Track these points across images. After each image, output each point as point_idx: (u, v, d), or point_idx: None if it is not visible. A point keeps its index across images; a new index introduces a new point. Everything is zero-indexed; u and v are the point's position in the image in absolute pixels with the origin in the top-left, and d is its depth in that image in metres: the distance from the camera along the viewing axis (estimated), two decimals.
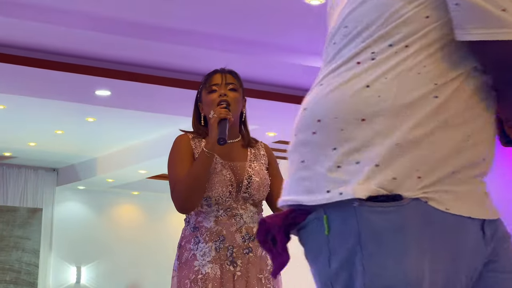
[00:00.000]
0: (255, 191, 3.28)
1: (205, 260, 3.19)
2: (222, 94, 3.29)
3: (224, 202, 3.23)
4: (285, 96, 7.51)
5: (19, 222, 12.57)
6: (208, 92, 3.32)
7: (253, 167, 3.32)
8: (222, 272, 3.19)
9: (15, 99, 8.02)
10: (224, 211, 3.23)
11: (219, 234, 3.21)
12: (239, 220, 3.24)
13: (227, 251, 3.20)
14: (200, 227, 3.24)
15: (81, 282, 13.12)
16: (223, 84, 3.32)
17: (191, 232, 3.27)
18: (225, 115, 3.19)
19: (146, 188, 13.12)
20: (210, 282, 3.16)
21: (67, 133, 9.97)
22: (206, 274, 3.17)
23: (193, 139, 3.31)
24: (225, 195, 3.22)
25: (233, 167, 3.28)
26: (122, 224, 13.58)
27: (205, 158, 3.14)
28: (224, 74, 3.35)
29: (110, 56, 6.67)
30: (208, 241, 3.21)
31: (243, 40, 6.43)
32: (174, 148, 3.30)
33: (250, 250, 3.24)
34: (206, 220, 3.24)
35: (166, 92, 7.18)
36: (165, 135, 9.75)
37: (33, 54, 6.52)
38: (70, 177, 12.47)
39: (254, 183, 3.27)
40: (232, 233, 3.22)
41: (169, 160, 3.30)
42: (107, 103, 7.74)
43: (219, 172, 3.23)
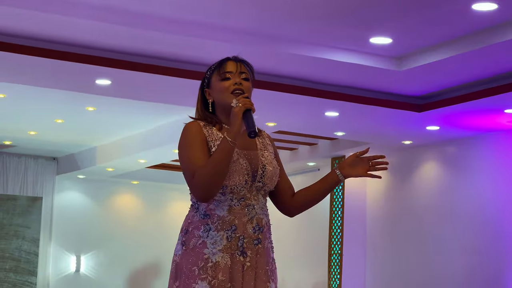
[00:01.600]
0: (268, 180, 3.25)
1: (215, 249, 3.16)
2: (238, 82, 3.26)
3: (238, 191, 3.19)
4: (285, 86, 7.51)
5: (19, 211, 12.59)
6: (222, 79, 3.27)
7: (265, 156, 3.30)
8: (233, 262, 3.16)
9: (15, 88, 8.01)
10: (238, 200, 3.20)
11: (231, 224, 3.18)
12: (251, 211, 3.21)
13: (238, 241, 3.18)
14: (212, 215, 3.19)
15: (80, 271, 13.14)
16: (237, 73, 3.29)
17: (200, 219, 3.21)
18: (250, 106, 3.15)
19: (146, 177, 13.13)
20: (220, 271, 3.14)
21: (67, 122, 9.97)
22: (216, 263, 3.14)
23: (205, 126, 3.26)
24: (241, 184, 3.18)
25: (248, 156, 3.24)
26: (121, 213, 13.60)
27: (228, 147, 3.08)
28: (238, 63, 3.32)
29: (110, 46, 6.67)
30: (220, 229, 3.17)
31: (244, 30, 6.42)
32: (188, 135, 3.23)
33: (259, 241, 3.22)
34: (219, 208, 3.19)
35: (166, 82, 7.18)
36: (165, 125, 9.76)
37: (34, 43, 6.52)
38: (70, 166, 12.48)
39: (268, 172, 3.25)
40: (244, 223, 3.19)
41: (182, 147, 3.23)
42: (107, 93, 7.73)
43: (236, 161, 3.19)
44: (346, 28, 6.33)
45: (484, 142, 9.10)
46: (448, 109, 7.97)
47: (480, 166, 9.17)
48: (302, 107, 8.12)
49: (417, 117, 8.31)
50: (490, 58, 6.66)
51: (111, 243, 13.34)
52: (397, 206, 10.38)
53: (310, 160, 11.22)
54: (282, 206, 3.39)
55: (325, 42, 6.71)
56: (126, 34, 6.29)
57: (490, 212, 8.97)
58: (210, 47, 6.44)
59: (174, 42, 6.46)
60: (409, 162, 10.22)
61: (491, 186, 9.02)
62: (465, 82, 7.53)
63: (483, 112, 8.02)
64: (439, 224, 9.65)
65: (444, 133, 9.09)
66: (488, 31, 6.24)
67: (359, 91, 7.87)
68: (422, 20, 6.12)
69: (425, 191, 9.97)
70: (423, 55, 6.88)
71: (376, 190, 10.73)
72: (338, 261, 10.71)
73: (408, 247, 10.10)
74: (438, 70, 7.08)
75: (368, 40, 6.59)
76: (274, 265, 3.32)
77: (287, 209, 3.40)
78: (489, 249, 8.91)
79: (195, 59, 6.89)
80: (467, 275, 9.16)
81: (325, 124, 8.90)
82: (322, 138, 10.44)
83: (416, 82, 7.56)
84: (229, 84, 3.26)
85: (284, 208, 3.40)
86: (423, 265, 9.82)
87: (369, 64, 6.98)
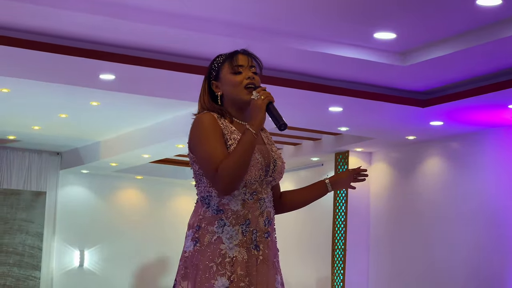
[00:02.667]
0: (278, 175, 3.26)
1: (232, 244, 3.14)
2: (251, 76, 3.24)
3: (251, 186, 3.18)
4: (289, 81, 7.50)
5: (23, 206, 12.61)
6: (233, 72, 3.25)
7: (274, 151, 3.30)
8: (249, 256, 3.16)
9: (19, 83, 8.02)
10: (251, 194, 3.18)
11: (245, 218, 3.17)
12: (262, 204, 3.21)
13: (252, 235, 3.17)
14: (226, 209, 3.16)
15: (84, 265, 13.16)
16: (248, 66, 3.27)
17: (213, 214, 3.17)
18: (272, 98, 3.19)
19: (150, 172, 13.14)
20: (238, 266, 3.13)
21: (71, 117, 9.98)
22: (234, 258, 3.13)
23: (219, 118, 3.22)
24: (256, 178, 3.17)
25: (261, 151, 3.24)
26: (125, 208, 13.61)
27: (253, 139, 3.09)
28: (249, 57, 3.30)
29: (114, 40, 6.67)
30: (235, 224, 3.15)
31: (248, 25, 6.42)
32: (204, 127, 3.17)
33: (269, 235, 3.23)
34: (232, 202, 3.16)
35: (170, 77, 7.18)
36: (169, 120, 9.76)
37: (38, 37, 6.52)
38: (74, 161, 12.49)
39: (279, 167, 3.26)
40: (256, 217, 3.19)
41: (199, 139, 3.17)
42: (111, 87, 7.74)
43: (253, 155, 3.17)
44: (350, 23, 6.33)
45: (488, 137, 9.09)
46: (452, 105, 7.96)
47: (483, 161, 9.16)
48: (306, 102, 8.11)
49: (421, 112, 8.31)
50: (494, 53, 6.65)
51: (114, 238, 13.35)
52: (401, 202, 10.37)
53: (314, 155, 11.22)
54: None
55: (329, 37, 6.71)
56: (130, 29, 6.29)
57: (493, 207, 8.97)
58: (214, 42, 6.44)
59: (178, 37, 6.46)
60: (412, 157, 10.22)
61: (494, 181, 9.02)
62: (469, 77, 7.52)
63: (487, 107, 8.01)
64: (442, 219, 9.65)
65: (448, 128, 9.08)
66: (492, 27, 6.24)
67: (363, 86, 7.87)
68: (426, 15, 6.11)
69: (428, 186, 9.96)
70: (427, 50, 6.87)
71: (379, 185, 10.73)
72: (342, 257, 10.71)
73: (411, 242, 10.10)
74: (442, 66, 7.08)
75: (372, 35, 6.58)
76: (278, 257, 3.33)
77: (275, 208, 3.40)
78: (492, 245, 8.91)
79: (199, 54, 6.89)
80: (470, 271, 9.16)
81: (329, 119, 8.90)
82: (326, 133, 10.44)
83: (420, 77, 7.55)
84: (241, 78, 3.23)
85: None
86: (426, 261, 9.82)
87: (373, 59, 6.98)
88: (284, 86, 7.48)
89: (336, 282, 10.75)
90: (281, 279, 3.29)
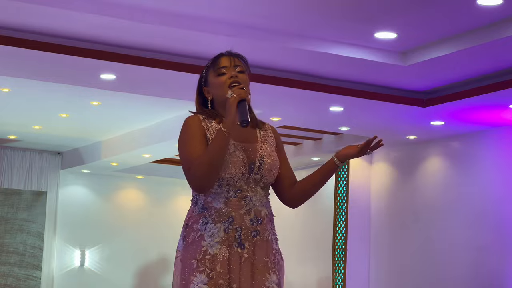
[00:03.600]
0: (267, 173, 3.26)
1: (213, 241, 3.18)
2: (233, 75, 3.28)
3: (235, 184, 3.22)
4: (290, 81, 7.50)
5: (23, 205, 12.60)
6: (217, 75, 3.31)
7: (264, 149, 3.31)
8: (230, 254, 3.18)
9: (20, 82, 8.02)
10: (235, 192, 3.22)
11: (228, 215, 3.20)
12: (248, 202, 3.23)
13: (235, 233, 3.20)
14: (209, 207, 3.22)
15: (85, 265, 13.16)
16: (231, 67, 3.31)
17: (199, 212, 3.24)
18: (244, 96, 3.18)
19: (150, 172, 13.13)
20: (218, 263, 3.16)
21: (71, 117, 9.98)
22: (214, 255, 3.17)
23: (204, 120, 3.30)
24: (237, 176, 3.21)
25: (245, 148, 3.26)
26: (126, 208, 13.61)
27: (223, 138, 3.12)
28: (232, 57, 3.35)
29: (115, 40, 6.67)
30: (217, 222, 3.19)
31: (248, 25, 6.43)
32: (186, 128, 3.29)
33: (258, 233, 3.23)
34: (215, 200, 3.22)
35: (171, 76, 7.18)
36: (170, 120, 9.77)
37: (38, 37, 6.52)
38: (75, 160, 12.49)
39: (266, 165, 3.26)
40: (241, 215, 3.21)
41: (181, 140, 3.28)
42: (112, 87, 7.74)
43: (232, 153, 3.21)
44: (351, 22, 6.33)
45: (489, 137, 9.09)
46: (453, 104, 7.96)
47: (484, 161, 9.16)
48: (307, 102, 8.11)
49: (422, 112, 8.31)
50: (495, 53, 6.65)
51: (115, 238, 13.35)
52: (401, 201, 10.37)
53: (315, 155, 11.21)
54: (282, 196, 3.40)
55: (330, 36, 6.71)
56: (131, 28, 6.29)
57: (494, 207, 8.96)
58: (216, 42, 6.44)
59: (179, 36, 6.46)
60: (413, 157, 10.21)
61: (495, 181, 9.01)
62: (470, 77, 7.52)
63: (488, 107, 8.01)
64: (443, 219, 9.64)
65: (448, 128, 9.08)
66: (493, 26, 6.24)
67: (363, 86, 7.87)
68: (427, 15, 6.11)
69: (429, 186, 9.96)
70: (428, 50, 6.87)
71: (380, 185, 10.73)
72: (342, 256, 10.70)
73: (412, 242, 10.10)
74: (443, 65, 7.07)
75: (373, 35, 6.58)
76: (277, 256, 3.31)
77: (286, 199, 3.40)
78: (493, 244, 8.90)
79: (200, 54, 6.89)
80: (470, 269, 9.16)
81: (329, 119, 8.90)
82: (326, 133, 10.44)
83: (420, 77, 7.55)
84: (225, 79, 3.29)
85: (284, 198, 3.40)
86: (427, 260, 9.82)
87: (374, 59, 6.98)
88: (284, 86, 7.48)
89: (336, 282, 10.74)
90: (277, 279, 3.27)
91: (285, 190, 3.38)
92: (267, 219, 3.28)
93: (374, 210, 10.80)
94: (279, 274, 3.30)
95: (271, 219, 3.32)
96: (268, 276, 3.24)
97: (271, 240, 3.29)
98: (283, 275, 3.35)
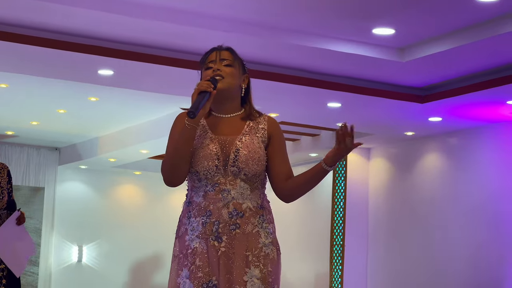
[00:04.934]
0: (243, 165, 3.23)
1: (193, 235, 3.21)
2: (215, 69, 3.31)
3: (212, 177, 3.23)
4: (288, 77, 7.50)
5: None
6: (205, 69, 3.36)
7: (243, 141, 3.28)
8: (208, 247, 3.19)
9: (18, 78, 8.01)
10: (212, 186, 3.23)
11: (206, 209, 3.22)
12: (226, 196, 3.22)
13: (212, 226, 3.20)
14: (192, 202, 3.28)
15: (82, 261, 13.16)
16: (217, 60, 3.34)
17: (186, 207, 3.32)
18: (205, 88, 3.19)
19: (148, 168, 13.13)
20: (197, 257, 3.18)
21: (69, 113, 9.97)
22: (194, 249, 3.20)
23: None
24: (211, 169, 3.21)
25: (221, 141, 3.26)
26: (123, 203, 13.61)
27: (185, 130, 3.16)
28: (218, 51, 3.38)
29: (113, 36, 6.67)
30: (197, 216, 3.23)
31: (246, 21, 6.42)
32: (172, 126, 3.34)
33: (238, 227, 3.21)
34: (196, 195, 3.26)
35: (169, 72, 7.18)
36: (167, 115, 9.76)
37: (36, 32, 6.51)
38: (72, 156, 12.49)
39: (242, 156, 3.23)
40: (219, 209, 3.21)
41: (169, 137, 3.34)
42: (110, 83, 7.74)
43: (206, 146, 3.23)
44: (349, 18, 6.33)
45: (486, 133, 9.10)
46: (451, 100, 7.96)
47: (482, 157, 9.17)
48: (305, 98, 8.11)
49: (420, 108, 8.31)
50: (493, 49, 6.65)
51: (113, 234, 13.35)
52: (399, 197, 10.38)
53: (313, 151, 11.21)
54: (275, 190, 3.37)
55: (328, 32, 6.70)
56: (129, 24, 6.28)
57: (492, 202, 8.97)
58: (213, 37, 6.43)
59: (177, 32, 6.45)
60: (411, 153, 10.22)
61: (493, 177, 9.02)
62: (467, 73, 7.52)
63: (486, 103, 8.01)
64: (441, 214, 9.65)
65: (446, 124, 9.09)
66: (491, 23, 6.24)
67: (361, 82, 7.87)
68: (425, 11, 6.11)
69: (427, 182, 9.97)
70: (426, 46, 6.87)
71: (378, 181, 10.74)
72: (340, 253, 10.72)
73: (410, 238, 10.11)
74: (441, 61, 7.08)
75: (371, 31, 6.58)
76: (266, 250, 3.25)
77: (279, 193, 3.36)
78: (491, 240, 8.91)
79: (198, 50, 6.88)
80: (468, 265, 9.17)
81: (327, 115, 8.90)
82: (324, 129, 10.44)
83: (418, 73, 7.55)
84: (209, 73, 3.32)
85: (277, 191, 3.36)
86: (425, 256, 9.83)
87: (371, 55, 6.98)
88: (282, 82, 7.48)
89: (334, 278, 10.75)
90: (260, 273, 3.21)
91: (277, 183, 3.34)
92: (251, 212, 3.25)
93: (372, 206, 10.81)
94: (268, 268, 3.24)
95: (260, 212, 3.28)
96: (248, 270, 3.19)
97: (258, 233, 3.25)
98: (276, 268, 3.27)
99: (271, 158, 3.34)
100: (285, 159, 3.38)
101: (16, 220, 5.22)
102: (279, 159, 3.36)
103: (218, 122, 3.31)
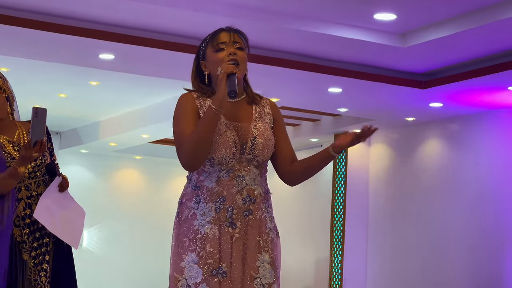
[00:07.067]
0: (259, 152, 3.23)
1: (204, 220, 3.18)
2: (232, 53, 3.24)
3: (227, 163, 3.20)
4: (288, 62, 7.50)
5: None
6: (216, 50, 3.28)
7: (257, 128, 3.27)
8: (221, 233, 3.17)
9: (19, 62, 8.00)
10: (226, 172, 3.20)
11: (219, 195, 3.19)
12: (241, 182, 3.21)
13: (226, 212, 3.18)
14: (202, 186, 3.23)
15: (83, 245, 13.19)
16: (230, 43, 3.27)
17: (192, 190, 3.27)
18: (232, 70, 3.14)
19: (149, 152, 13.14)
20: (208, 243, 3.16)
21: (70, 97, 9.97)
22: (205, 234, 3.17)
23: (198, 98, 3.27)
24: (228, 156, 3.18)
25: (237, 128, 3.23)
26: (124, 188, 13.63)
27: (212, 115, 3.09)
28: (231, 33, 3.31)
29: (114, 20, 6.66)
30: (209, 201, 3.19)
31: (247, 5, 6.41)
32: (179, 106, 3.26)
33: (250, 213, 3.21)
34: (207, 180, 3.22)
35: (170, 57, 7.17)
36: (169, 100, 9.76)
37: (37, 16, 6.51)
38: (73, 140, 12.49)
39: (259, 144, 3.23)
40: (233, 195, 3.19)
41: (174, 118, 3.25)
42: (111, 67, 7.73)
43: (223, 134, 3.18)
44: (350, 3, 6.31)
45: (487, 119, 9.10)
46: (452, 86, 7.96)
47: (483, 143, 9.17)
48: (305, 83, 8.11)
49: (421, 94, 8.31)
50: (494, 35, 6.64)
51: (114, 218, 13.37)
52: (399, 183, 10.39)
53: (313, 136, 11.22)
54: (280, 173, 3.35)
55: (329, 18, 6.69)
56: (130, 8, 6.27)
57: (493, 189, 8.98)
58: (215, 22, 6.42)
59: (178, 16, 6.45)
60: (412, 138, 10.22)
61: (493, 163, 9.03)
62: (469, 59, 7.52)
63: (487, 89, 8.01)
64: (441, 200, 9.66)
65: (447, 110, 9.08)
66: (493, 8, 6.22)
67: (362, 67, 7.87)
68: None
69: (427, 167, 9.98)
70: (427, 31, 6.86)
71: (378, 166, 10.74)
72: (340, 238, 10.74)
73: (410, 223, 10.12)
74: (442, 47, 7.07)
75: (372, 16, 6.57)
76: (271, 235, 3.28)
77: (285, 176, 3.35)
78: (491, 226, 8.93)
79: (199, 34, 6.87)
80: (469, 250, 9.19)
81: (328, 100, 8.90)
82: (325, 114, 10.44)
83: (420, 58, 7.55)
84: (223, 55, 3.25)
85: (282, 175, 3.35)
86: (425, 242, 9.85)
87: (373, 40, 6.97)
88: (283, 67, 7.47)
89: (334, 263, 10.78)
90: (270, 258, 3.24)
91: (283, 167, 3.33)
92: (261, 197, 3.26)
93: (372, 192, 10.82)
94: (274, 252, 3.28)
95: (266, 197, 3.30)
96: (260, 255, 3.22)
97: (265, 219, 3.27)
98: (279, 252, 3.32)
99: (276, 142, 3.33)
100: (288, 143, 3.38)
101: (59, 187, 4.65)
102: (284, 142, 3.35)
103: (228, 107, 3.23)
